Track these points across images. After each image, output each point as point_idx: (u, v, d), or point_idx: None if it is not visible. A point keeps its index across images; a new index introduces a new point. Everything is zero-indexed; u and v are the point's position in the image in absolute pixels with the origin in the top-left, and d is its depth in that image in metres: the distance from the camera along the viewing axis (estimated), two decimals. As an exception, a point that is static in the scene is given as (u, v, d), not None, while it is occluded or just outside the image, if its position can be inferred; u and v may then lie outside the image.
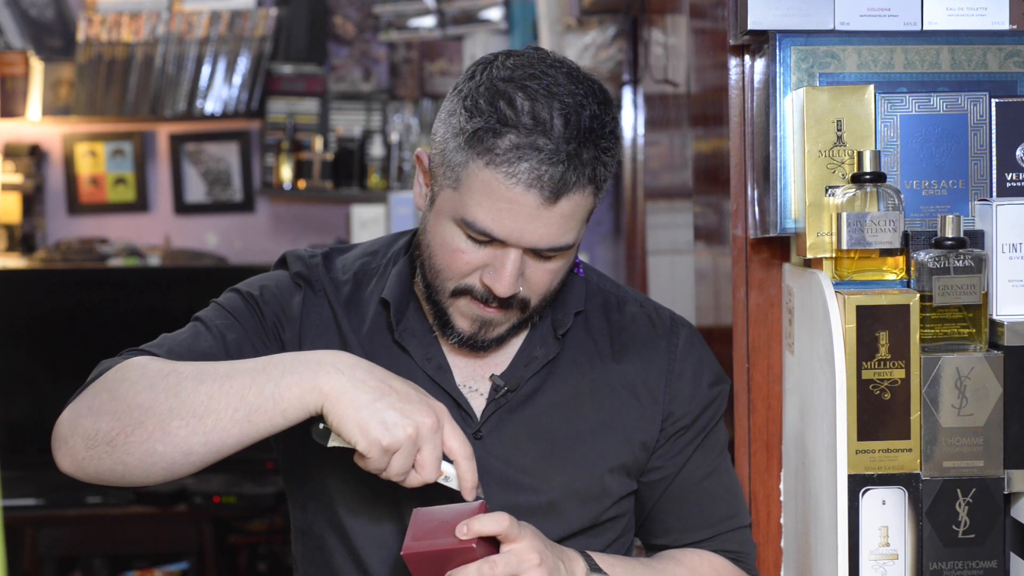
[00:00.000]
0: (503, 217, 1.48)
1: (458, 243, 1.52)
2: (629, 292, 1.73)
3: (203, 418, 1.40)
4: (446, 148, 1.52)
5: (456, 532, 1.40)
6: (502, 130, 1.46)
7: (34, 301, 4.06)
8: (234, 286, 1.65)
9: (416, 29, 4.38)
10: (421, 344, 1.62)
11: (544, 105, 1.47)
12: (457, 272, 1.53)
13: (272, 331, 1.62)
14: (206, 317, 1.60)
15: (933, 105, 1.66)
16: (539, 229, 1.49)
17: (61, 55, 4.30)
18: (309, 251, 1.70)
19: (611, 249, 4.27)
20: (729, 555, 1.70)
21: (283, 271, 1.68)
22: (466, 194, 1.49)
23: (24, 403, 4.00)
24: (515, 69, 1.50)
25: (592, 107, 1.49)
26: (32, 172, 4.34)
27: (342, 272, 1.68)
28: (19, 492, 3.82)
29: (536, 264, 1.53)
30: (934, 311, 1.58)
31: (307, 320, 1.63)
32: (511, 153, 1.45)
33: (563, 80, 1.49)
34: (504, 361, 1.64)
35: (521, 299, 1.55)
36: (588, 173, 1.48)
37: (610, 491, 1.64)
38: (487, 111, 1.47)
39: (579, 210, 1.51)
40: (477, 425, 1.60)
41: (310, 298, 1.64)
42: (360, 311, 1.65)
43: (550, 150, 1.45)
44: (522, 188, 1.46)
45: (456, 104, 1.51)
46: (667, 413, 1.66)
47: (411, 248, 1.67)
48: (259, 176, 4.41)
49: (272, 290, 1.64)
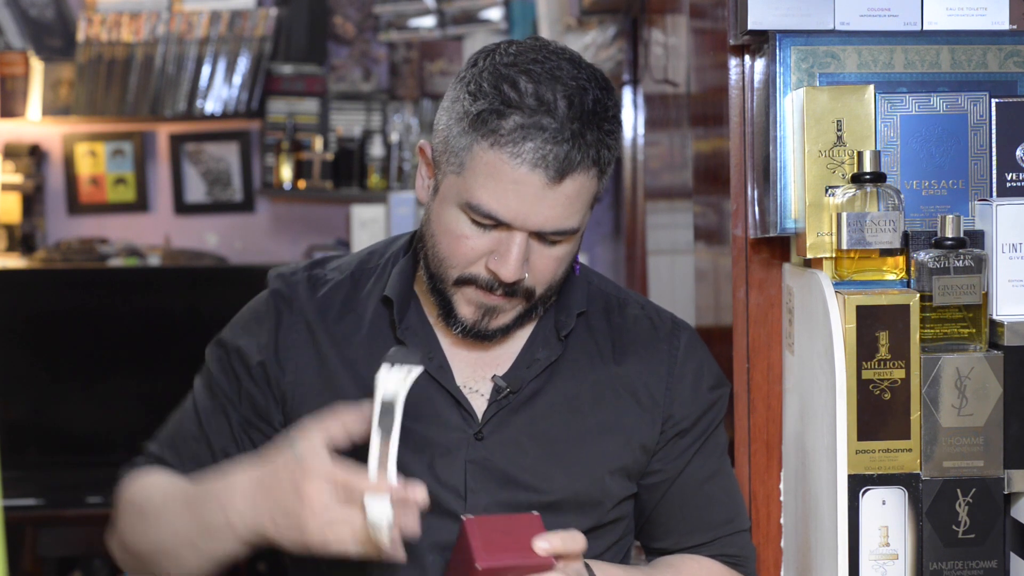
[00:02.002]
0: (508, 199, 1.48)
1: (463, 229, 1.52)
2: (630, 294, 1.73)
3: (177, 557, 1.54)
4: (449, 134, 1.52)
5: (535, 548, 1.42)
6: (506, 111, 1.47)
7: (34, 301, 4.06)
8: (220, 336, 1.69)
9: (416, 29, 4.38)
10: (423, 343, 1.62)
11: (548, 88, 1.48)
12: (463, 259, 1.53)
13: (250, 371, 1.64)
14: (198, 398, 1.69)
15: (933, 105, 1.66)
16: (544, 211, 1.49)
17: (61, 55, 4.29)
18: (292, 267, 1.70)
19: (611, 249, 4.27)
20: (728, 559, 1.70)
21: (265, 294, 1.69)
22: (470, 177, 1.49)
23: (24, 403, 4.00)
24: (518, 55, 1.51)
25: (595, 91, 1.50)
26: (32, 172, 4.34)
27: (338, 272, 1.68)
28: (19, 492, 3.81)
29: (541, 250, 1.53)
30: (934, 311, 1.58)
31: (283, 343, 1.64)
32: (516, 133, 1.46)
33: (566, 65, 1.50)
34: (506, 362, 1.63)
35: (526, 288, 1.55)
36: (592, 154, 1.49)
37: (611, 493, 1.64)
38: (491, 93, 1.48)
39: (583, 192, 1.51)
40: (478, 426, 1.60)
41: (286, 319, 1.64)
42: (358, 311, 1.65)
43: (554, 129, 1.46)
44: (527, 168, 1.46)
45: (459, 91, 1.52)
46: (667, 416, 1.65)
47: (412, 247, 1.67)
48: (259, 176, 4.41)
49: (250, 329, 1.66)
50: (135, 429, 4.00)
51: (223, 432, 1.65)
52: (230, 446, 1.65)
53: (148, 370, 3.96)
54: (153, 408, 3.95)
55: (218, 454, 1.65)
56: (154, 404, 3.98)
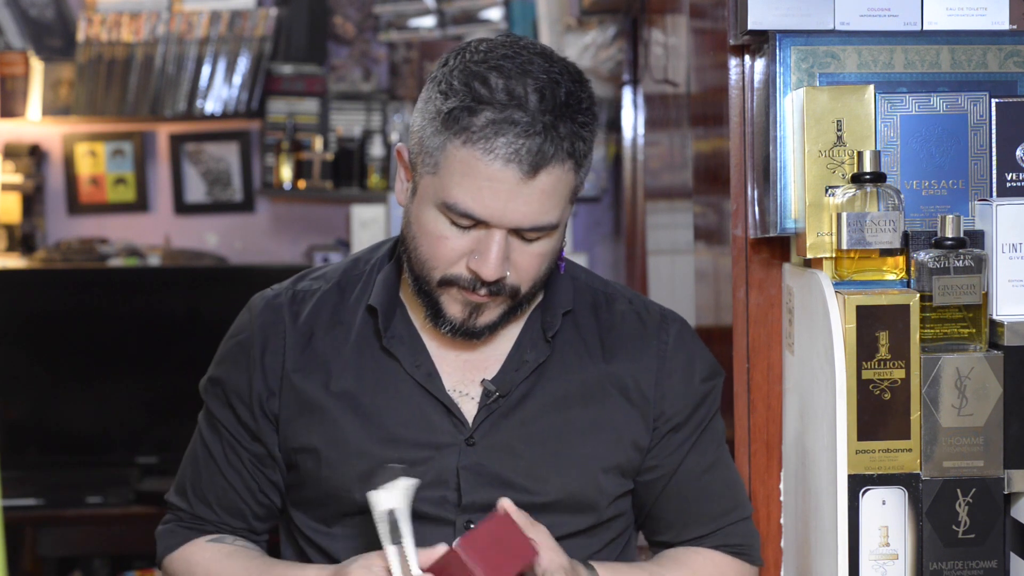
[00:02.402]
0: (484, 196, 1.47)
1: (442, 230, 1.51)
2: (618, 288, 1.72)
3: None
4: (423, 135, 1.52)
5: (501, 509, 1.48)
6: (477, 108, 1.46)
7: (34, 301, 4.06)
8: (212, 375, 1.69)
9: (416, 29, 4.38)
10: (410, 351, 1.61)
11: (518, 82, 1.47)
12: (443, 260, 1.52)
13: (247, 405, 1.64)
14: (208, 440, 1.68)
15: (933, 105, 1.66)
16: (521, 207, 1.48)
17: (61, 55, 4.29)
18: (276, 290, 1.69)
19: (611, 249, 4.27)
20: (732, 549, 1.69)
21: (248, 321, 1.68)
22: (446, 177, 1.49)
23: (24, 403, 3.99)
24: (488, 52, 1.50)
25: (568, 84, 1.49)
26: (32, 172, 4.33)
27: (324, 281, 1.67)
28: (19, 492, 3.81)
29: (522, 247, 1.52)
30: (934, 311, 1.58)
31: (270, 369, 1.63)
32: (488, 129, 1.45)
33: (537, 60, 1.50)
34: (495, 364, 1.62)
35: (511, 285, 1.54)
36: (566, 147, 1.48)
37: (605, 492, 1.63)
38: (461, 91, 1.47)
39: (560, 186, 1.50)
40: (469, 432, 1.60)
41: (272, 344, 1.64)
42: (345, 322, 1.64)
43: (526, 123, 1.45)
44: (500, 163, 1.46)
45: (431, 91, 1.51)
46: (658, 412, 1.64)
47: (395, 253, 1.66)
48: (259, 176, 4.41)
49: (238, 362, 1.66)
50: (135, 429, 4.03)
51: (241, 470, 1.67)
52: (251, 482, 1.67)
53: (148, 370, 3.96)
54: (153, 408, 3.99)
55: (242, 492, 1.67)
56: (154, 404, 4.01)
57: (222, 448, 1.67)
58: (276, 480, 1.67)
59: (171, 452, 3.45)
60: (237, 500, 1.68)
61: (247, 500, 1.68)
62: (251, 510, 1.68)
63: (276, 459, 1.65)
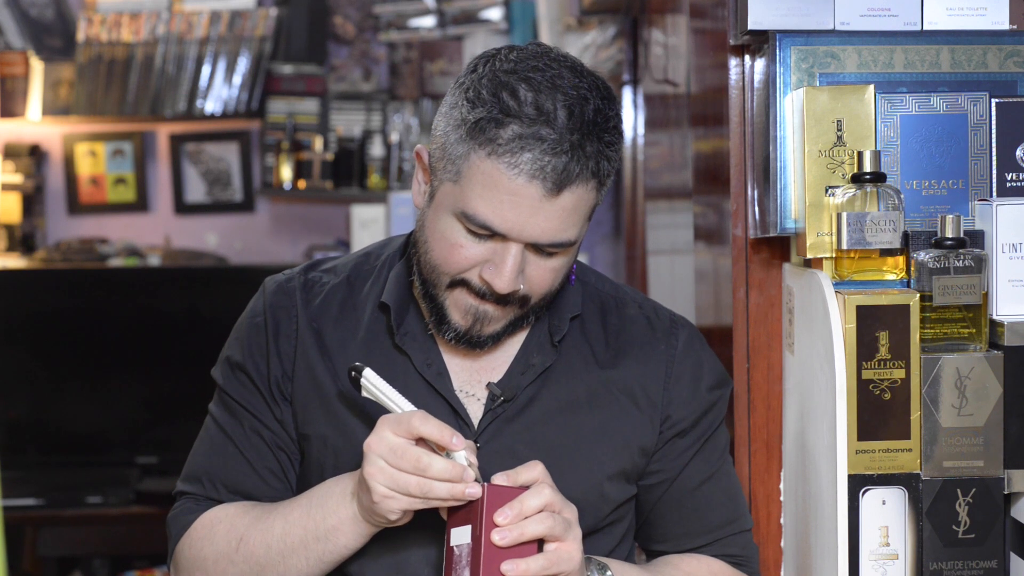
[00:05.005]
0: (504, 210, 1.46)
1: (457, 238, 1.50)
2: (628, 292, 1.70)
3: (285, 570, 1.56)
4: (447, 141, 1.50)
5: None
6: (505, 120, 1.44)
7: (34, 301, 4.06)
8: (226, 355, 1.67)
9: (416, 29, 4.38)
10: (421, 349, 1.60)
11: (548, 96, 1.45)
12: (455, 267, 1.51)
13: (267, 387, 1.63)
14: (223, 423, 1.66)
15: (933, 105, 1.66)
16: (541, 223, 1.47)
17: (61, 55, 4.30)
18: (288, 274, 1.68)
19: (611, 249, 4.27)
20: (729, 559, 1.68)
21: (261, 303, 1.66)
22: (467, 186, 1.48)
23: (24, 403, 4.00)
24: (518, 62, 1.48)
25: (596, 101, 1.47)
26: (32, 172, 4.34)
27: (334, 275, 1.66)
28: (19, 492, 3.81)
29: (537, 261, 1.51)
30: (934, 311, 1.58)
31: (284, 351, 1.62)
32: (514, 143, 1.44)
33: (567, 74, 1.48)
34: (501, 366, 1.61)
35: (521, 296, 1.53)
36: (591, 166, 1.46)
37: (609, 497, 1.62)
38: (490, 101, 1.46)
39: (581, 204, 1.49)
40: (475, 434, 1.59)
41: (284, 327, 1.63)
42: (355, 315, 1.63)
43: (553, 140, 1.44)
44: (525, 179, 1.44)
45: (458, 97, 1.50)
46: (665, 417, 1.63)
47: (407, 250, 1.65)
48: (259, 176, 4.41)
49: (252, 343, 1.64)
50: (135, 429, 4.03)
51: (261, 449, 1.63)
52: (272, 462, 1.64)
53: (148, 370, 3.96)
54: (153, 408, 3.99)
55: (263, 473, 1.63)
56: (154, 404, 4.02)
57: (243, 430, 1.63)
58: (295, 463, 1.64)
59: (171, 452, 3.46)
60: (259, 483, 1.63)
61: (269, 481, 1.63)
62: (269, 495, 1.64)
63: (294, 441, 1.63)
